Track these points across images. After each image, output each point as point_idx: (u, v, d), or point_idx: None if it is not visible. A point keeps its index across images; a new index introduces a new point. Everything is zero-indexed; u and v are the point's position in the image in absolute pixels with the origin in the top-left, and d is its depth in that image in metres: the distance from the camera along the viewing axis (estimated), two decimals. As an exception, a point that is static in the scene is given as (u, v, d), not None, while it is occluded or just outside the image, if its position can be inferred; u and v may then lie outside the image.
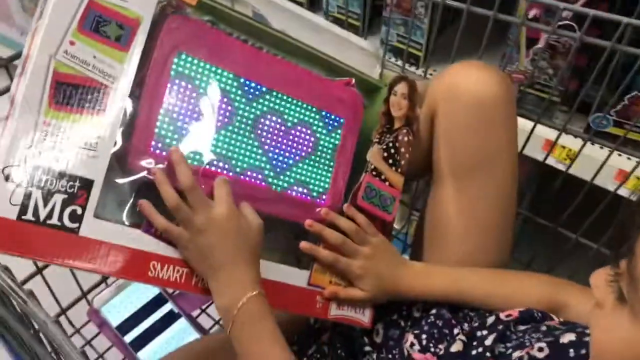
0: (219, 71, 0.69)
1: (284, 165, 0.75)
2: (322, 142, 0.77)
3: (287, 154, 0.75)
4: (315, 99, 0.76)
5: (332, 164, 0.78)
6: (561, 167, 1.06)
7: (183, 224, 0.63)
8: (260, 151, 0.72)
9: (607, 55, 0.82)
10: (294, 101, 0.75)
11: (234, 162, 0.70)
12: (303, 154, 0.76)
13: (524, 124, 1.02)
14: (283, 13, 0.78)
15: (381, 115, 0.81)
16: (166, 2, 0.66)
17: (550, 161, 1.04)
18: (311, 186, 0.77)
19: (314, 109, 0.76)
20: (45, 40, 0.58)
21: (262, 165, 0.73)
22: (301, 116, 0.75)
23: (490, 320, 0.71)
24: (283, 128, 0.74)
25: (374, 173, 0.80)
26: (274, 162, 0.74)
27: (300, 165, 0.76)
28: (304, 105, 0.76)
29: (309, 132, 0.76)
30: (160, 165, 0.64)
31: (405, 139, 0.81)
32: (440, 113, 0.80)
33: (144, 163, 0.64)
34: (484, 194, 0.79)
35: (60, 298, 0.97)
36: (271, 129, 0.73)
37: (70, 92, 0.60)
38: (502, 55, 1.15)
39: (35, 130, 0.58)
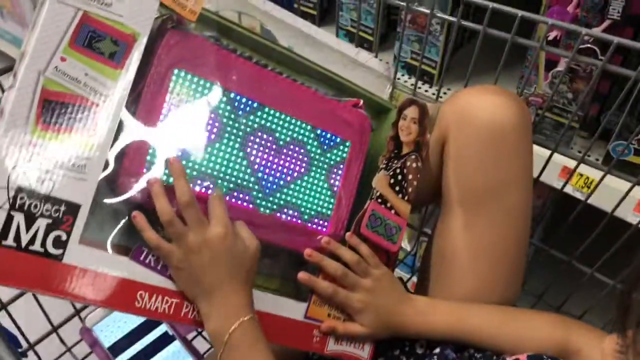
0: (220, 90, 0.66)
1: (274, 187, 0.71)
2: (316, 163, 0.73)
3: (277, 174, 0.71)
4: (316, 119, 0.73)
5: (325, 185, 0.74)
6: (578, 195, 1.01)
7: (176, 241, 0.60)
8: (249, 170, 0.69)
9: (631, 83, 0.77)
10: (297, 122, 0.71)
11: (219, 181, 0.67)
12: (295, 174, 0.72)
13: (541, 150, 0.98)
14: (292, 30, 0.74)
15: (389, 139, 0.77)
16: (167, 16, 0.63)
17: (567, 189, 0.99)
18: (302, 209, 0.73)
19: (309, 127, 0.72)
20: (34, 55, 0.55)
21: (250, 185, 0.69)
22: (295, 135, 0.72)
23: None
24: (274, 147, 0.70)
25: (379, 200, 0.76)
26: (263, 182, 0.70)
27: (292, 187, 0.72)
28: (298, 124, 0.72)
29: (302, 151, 0.72)
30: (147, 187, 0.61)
31: (414, 165, 0.77)
32: (452, 139, 0.76)
33: (135, 186, 0.61)
34: (495, 227, 0.75)
35: (52, 315, 0.93)
36: (262, 147, 0.69)
37: (59, 111, 0.57)
38: (520, 77, 1.11)
39: (21, 151, 0.55)
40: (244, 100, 0.68)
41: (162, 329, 0.98)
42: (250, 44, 0.70)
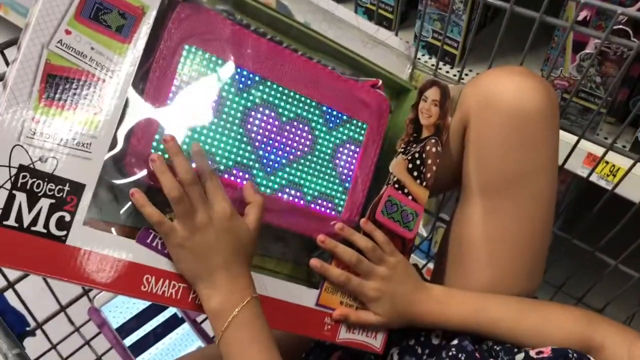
0: (232, 67, 0.63)
1: (276, 165, 0.67)
2: (320, 142, 0.70)
3: (279, 152, 0.67)
4: (332, 100, 0.69)
5: (330, 166, 0.71)
6: (602, 183, 0.97)
7: (182, 219, 0.57)
8: (249, 147, 0.65)
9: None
10: (311, 103, 0.68)
11: (218, 158, 0.64)
12: (298, 153, 0.69)
13: (565, 135, 0.94)
14: (308, 5, 0.71)
15: (408, 122, 0.74)
16: (177, -12, 0.60)
17: (591, 177, 0.95)
18: (305, 189, 0.70)
19: (324, 108, 0.69)
20: (37, 27, 0.53)
21: (251, 163, 0.66)
22: (300, 111, 0.68)
23: (519, 358, 0.64)
24: (277, 123, 0.67)
25: (396, 186, 0.73)
26: (265, 160, 0.67)
27: (295, 165, 0.69)
28: (313, 104, 0.69)
29: (306, 129, 0.69)
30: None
31: (433, 149, 0.74)
32: (474, 123, 0.73)
33: (142, 165, 0.59)
34: (516, 216, 0.72)
35: (61, 295, 0.92)
36: (272, 127, 0.66)
37: (64, 87, 0.54)
38: (545, 59, 1.06)
39: (23, 127, 0.53)
40: (257, 78, 0.65)
41: (171, 310, 0.97)
42: (265, 19, 0.67)
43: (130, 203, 0.59)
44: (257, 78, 0.65)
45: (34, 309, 0.89)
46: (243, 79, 0.64)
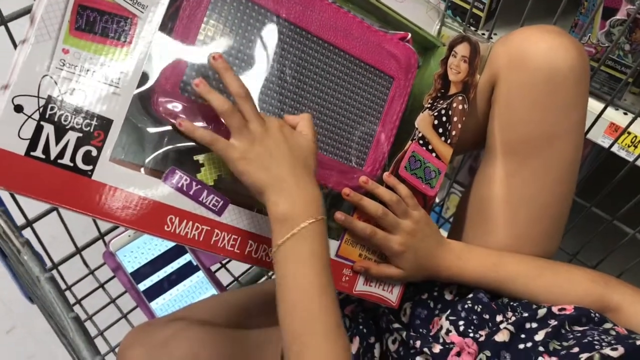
0: (262, 11, 0.62)
1: (300, 112, 0.66)
2: (346, 92, 0.69)
3: (304, 101, 0.66)
4: (362, 50, 0.68)
5: (355, 117, 0.70)
6: (623, 154, 0.96)
7: (237, 133, 0.57)
8: (274, 94, 0.64)
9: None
10: (339, 52, 0.67)
11: (268, 114, 0.63)
12: (323, 102, 0.68)
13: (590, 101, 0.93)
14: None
15: (436, 77, 0.73)
16: None
17: (613, 147, 0.94)
18: (329, 140, 0.69)
19: (344, 54, 0.68)
20: (70, -44, 0.52)
21: (276, 111, 0.65)
22: (328, 60, 0.67)
23: (542, 312, 0.64)
24: (303, 71, 0.66)
25: (420, 142, 0.72)
26: (289, 108, 0.65)
27: (319, 115, 0.68)
28: (342, 54, 0.68)
29: (332, 78, 0.68)
30: (181, 107, 0.58)
31: (460, 107, 0.73)
32: (503, 82, 0.71)
33: (169, 106, 0.58)
34: (540, 179, 0.71)
35: (77, 238, 0.93)
36: (300, 75, 0.65)
37: (94, 19, 0.53)
38: (573, 25, 1.04)
39: (52, 58, 0.52)
40: (286, 24, 0.63)
41: (186, 257, 0.97)
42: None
43: (154, 144, 0.59)
44: (286, 23, 0.63)
45: (50, 250, 0.90)
46: (272, 24, 0.63)
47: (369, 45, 0.69)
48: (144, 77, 0.56)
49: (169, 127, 0.58)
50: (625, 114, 0.96)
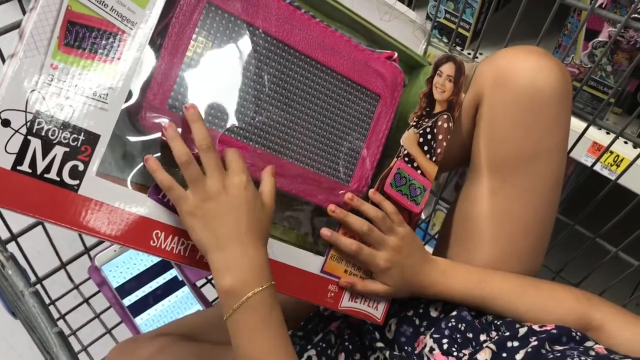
0: (250, 29, 0.63)
1: (287, 129, 0.67)
2: (333, 109, 0.70)
3: (292, 117, 0.67)
4: (348, 68, 0.69)
5: (341, 134, 0.71)
6: (605, 172, 0.98)
7: (193, 186, 0.56)
8: (262, 110, 0.64)
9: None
10: (327, 70, 0.68)
11: (255, 130, 0.64)
12: (310, 119, 0.68)
13: (573, 121, 0.94)
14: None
15: (422, 96, 0.74)
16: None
17: (595, 166, 0.96)
18: (315, 156, 0.69)
19: (338, 76, 0.69)
20: (60, -27, 0.52)
21: (263, 126, 0.65)
22: (315, 78, 0.68)
23: (523, 331, 0.64)
24: (291, 88, 0.66)
25: (406, 159, 0.73)
26: (276, 124, 0.66)
27: (306, 132, 0.68)
28: (328, 71, 0.68)
29: (319, 96, 0.68)
30: (167, 121, 0.58)
31: (445, 125, 0.74)
32: (487, 100, 0.73)
33: (157, 121, 0.58)
34: (524, 196, 0.72)
35: (62, 252, 0.92)
36: (287, 92, 0.66)
37: (83, 35, 0.54)
38: (556, 46, 1.06)
39: (41, 73, 0.52)
40: (274, 42, 0.64)
41: (171, 273, 0.97)
42: (284, -17, 0.66)
43: (142, 159, 0.59)
44: (274, 41, 0.64)
45: (34, 265, 0.89)
46: (260, 41, 0.64)
47: (356, 63, 0.70)
48: (132, 93, 0.57)
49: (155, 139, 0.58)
50: (608, 133, 0.98)
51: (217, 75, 0.62)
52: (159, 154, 0.59)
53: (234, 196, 0.57)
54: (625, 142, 0.96)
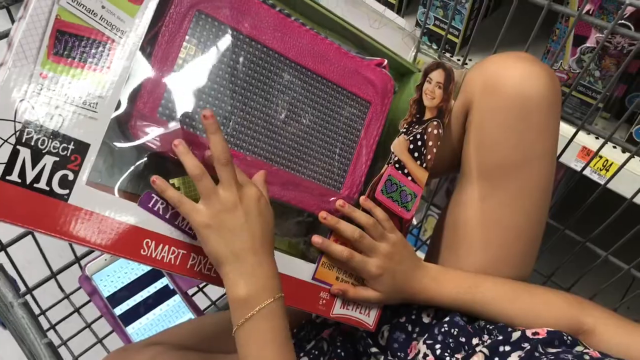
0: (241, 36, 0.63)
1: (278, 137, 0.67)
2: (324, 117, 0.70)
3: (283, 124, 0.67)
4: (338, 75, 0.69)
5: (332, 141, 0.71)
6: (595, 177, 0.99)
7: (206, 199, 0.56)
8: (252, 118, 0.65)
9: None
10: (317, 77, 0.68)
11: (246, 138, 0.64)
12: (301, 126, 0.68)
13: (562, 126, 0.95)
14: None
15: (412, 103, 0.74)
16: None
17: (585, 170, 0.96)
18: (306, 163, 0.69)
19: (329, 83, 0.69)
20: (49, -18, 0.52)
21: (254, 134, 0.65)
22: (305, 85, 0.68)
23: (515, 335, 0.64)
24: (282, 95, 0.67)
25: (396, 165, 0.73)
26: (267, 132, 0.66)
27: (297, 139, 0.68)
28: (319, 79, 0.69)
29: (310, 103, 0.69)
30: (159, 132, 0.58)
31: (435, 132, 0.74)
32: (476, 107, 0.73)
33: (147, 130, 0.58)
34: (514, 202, 0.73)
35: (52, 262, 0.92)
36: (278, 100, 0.66)
37: (72, 44, 0.54)
38: (545, 51, 1.07)
39: (30, 82, 0.52)
40: (265, 49, 0.64)
41: (163, 282, 0.97)
42: (274, -10, 0.67)
43: (132, 168, 0.59)
44: (264, 49, 0.64)
45: (24, 275, 0.89)
46: (251, 49, 0.64)
47: (347, 70, 0.71)
48: (122, 102, 0.57)
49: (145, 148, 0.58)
50: (597, 138, 0.99)
51: (207, 83, 0.62)
52: (147, 160, 0.59)
53: (250, 208, 0.57)
54: (614, 147, 0.97)
